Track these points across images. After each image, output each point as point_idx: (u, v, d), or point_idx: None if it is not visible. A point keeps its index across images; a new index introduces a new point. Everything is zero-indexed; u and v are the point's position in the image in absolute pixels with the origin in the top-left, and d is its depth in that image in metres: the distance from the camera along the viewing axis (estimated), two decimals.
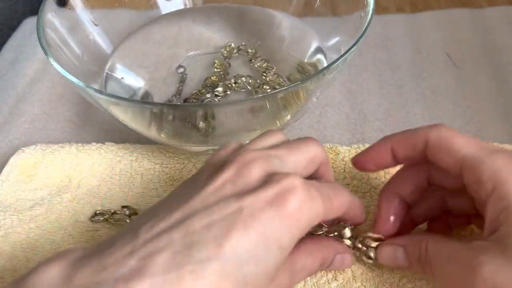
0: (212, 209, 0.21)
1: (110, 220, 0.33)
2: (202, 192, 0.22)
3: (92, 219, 0.33)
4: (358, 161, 0.29)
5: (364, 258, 0.28)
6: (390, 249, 0.27)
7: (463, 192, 0.26)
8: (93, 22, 0.40)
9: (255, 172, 0.23)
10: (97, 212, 0.33)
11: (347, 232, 0.28)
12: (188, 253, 0.20)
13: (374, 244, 0.28)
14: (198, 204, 0.22)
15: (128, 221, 0.32)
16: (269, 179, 0.22)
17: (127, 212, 0.33)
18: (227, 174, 0.23)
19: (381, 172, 0.34)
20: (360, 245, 0.29)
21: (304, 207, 0.22)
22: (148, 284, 0.19)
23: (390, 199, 0.28)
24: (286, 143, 0.26)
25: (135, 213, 0.33)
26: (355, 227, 0.29)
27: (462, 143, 0.24)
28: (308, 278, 0.29)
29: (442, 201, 0.28)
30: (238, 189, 0.22)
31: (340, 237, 0.29)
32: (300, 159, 0.25)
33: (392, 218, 0.28)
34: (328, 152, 0.36)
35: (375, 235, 0.28)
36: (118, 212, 0.33)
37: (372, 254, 0.28)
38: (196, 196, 0.22)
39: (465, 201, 0.27)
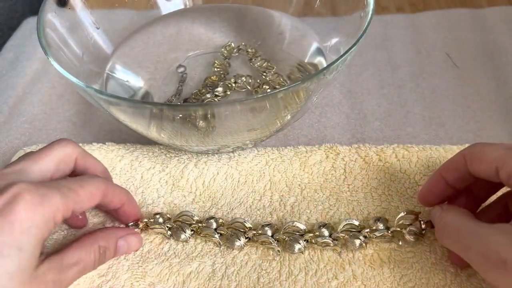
0: None
1: (147, 226, 0.32)
2: None
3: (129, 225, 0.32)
4: (421, 198, 0.31)
5: (408, 237, 0.30)
6: (435, 209, 0.29)
7: None
8: (94, 24, 0.40)
9: None
10: None
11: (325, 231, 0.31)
12: None
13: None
14: None
15: (162, 227, 0.32)
16: None
17: (160, 219, 0.32)
18: None
19: (382, 173, 0.34)
20: (399, 229, 0.30)
21: (35, 207, 0.24)
22: None
23: (437, 179, 0.29)
24: (31, 153, 0.28)
25: (169, 219, 0.32)
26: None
27: (491, 149, 0.26)
28: (308, 277, 0.29)
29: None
30: None
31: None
32: (45, 165, 0.27)
33: (432, 192, 0.30)
34: (328, 151, 0.36)
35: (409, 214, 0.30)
36: (151, 220, 0.32)
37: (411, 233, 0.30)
38: None
39: None
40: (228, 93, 0.39)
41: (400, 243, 0.30)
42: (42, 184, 0.25)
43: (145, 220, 0.32)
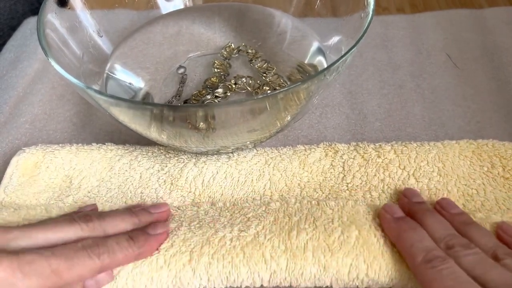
0: None
1: None
2: None
3: None
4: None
5: None
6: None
7: None
8: (96, 32, 0.40)
9: None
10: None
11: None
12: None
13: None
14: None
15: None
16: None
17: None
18: None
19: (380, 169, 0.34)
20: None
21: None
22: None
23: None
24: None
25: None
26: None
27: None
28: None
29: None
30: None
31: None
32: None
33: None
34: (327, 149, 0.36)
35: None
36: None
37: None
38: None
39: None
40: (228, 94, 0.39)
41: None
42: None
43: None
